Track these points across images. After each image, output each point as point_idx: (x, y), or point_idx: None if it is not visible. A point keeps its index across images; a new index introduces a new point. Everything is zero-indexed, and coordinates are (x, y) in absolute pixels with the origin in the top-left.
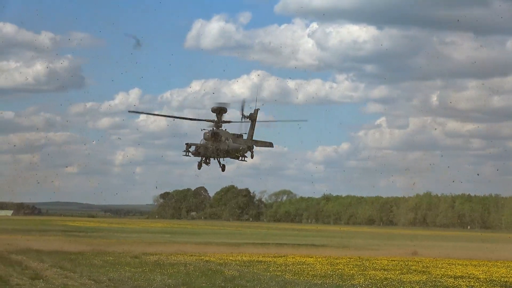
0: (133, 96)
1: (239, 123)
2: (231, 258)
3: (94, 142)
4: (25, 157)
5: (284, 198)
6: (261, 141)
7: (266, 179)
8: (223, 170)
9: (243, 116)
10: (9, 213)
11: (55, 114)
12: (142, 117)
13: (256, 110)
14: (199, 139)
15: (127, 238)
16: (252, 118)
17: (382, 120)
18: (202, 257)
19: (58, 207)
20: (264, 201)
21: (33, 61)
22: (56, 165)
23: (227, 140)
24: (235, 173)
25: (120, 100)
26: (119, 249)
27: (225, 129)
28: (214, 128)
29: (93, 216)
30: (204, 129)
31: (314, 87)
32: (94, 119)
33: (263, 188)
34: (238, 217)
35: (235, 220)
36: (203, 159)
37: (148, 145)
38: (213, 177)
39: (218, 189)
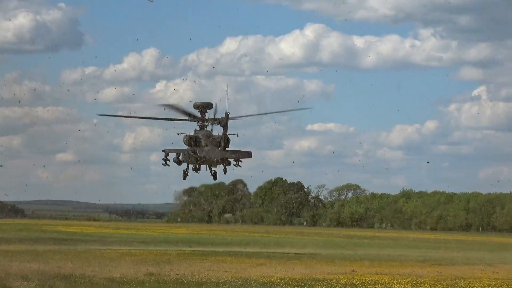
0: (147, 58)
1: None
2: (279, 275)
3: (95, 121)
4: (3, 140)
5: (350, 195)
6: (237, 151)
7: (325, 169)
8: (214, 179)
9: (213, 122)
10: None
11: (43, 83)
12: (160, 86)
13: (227, 115)
14: None
15: (143, 250)
16: (223, 123)
17: (481, 90)
18: (239, 274)
19: (47, 207)
20: (323, 199)
21: (14, 11)
22: (45, 151)
23: (207, 146)
24: (283, 161)
25: (130, 63)
26: (137, 268)
27: (211, 130)
28: (197, 129)
29: (94, 219)
30: (181, 133)
31: (389, 46)
32: (95, 90)
33: (321, 181)
34: (288, 220)
35: (284, 224)
36: (188, 167)
37: (167, 124)
38: (254, 167)
39: (261, 183)
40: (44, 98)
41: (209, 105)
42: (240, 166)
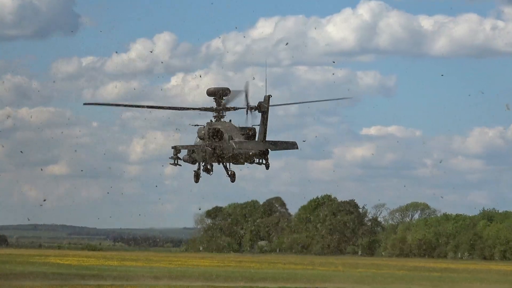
0: (161, 45)
1: (245, 115)
2: None
3: (95, 124)
4: None
5: (416, 216)
6: (279, 142)
7: (385, 184)
8: (232, 180)
9: (249, 107)
10: None
11: (31, 77)
12: (176, 80)
13: (267, 97)
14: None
15: None
16: (263, 109)
17: None
18: None
19: (36, 234)
20: (382, 222)
21: None
22: (32, 163)
23: (232, 139)
24: (332, 174)
25: (138, 51)
26: None
27: (230, 121)
28: (213, 121)
29: (94, 248)
30: (197, 124)
31: (464, 28)
32: (94, 85)
33: (379, 199)
34: (339, 248)
35: (333, 253)
36: (201, 166)
37: (185, 128)
38: (295, 181)
39: (304, 202)
40: (30, 96)
41: (225, 91)
42: (268, 168)
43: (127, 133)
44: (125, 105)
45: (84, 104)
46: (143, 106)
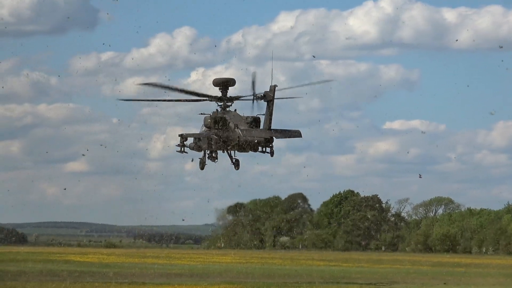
0: (180, 39)
1: (250, 104)
2: None
3: (115, 121)
4: None
5: (440, 211)
6: (283, 130)
7: (409, 179)
8: (236, 167)
9: (255, 96)
10: None
11: (49, 74)
12: (196, 75)
13: (273, 87)
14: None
15: (177, 286)
16: (268, 98)
17: None
18: None
19: (55, 231)
20: (406, 217)
21: None
22: (52, 160)
23: (238, 128)
24: (354, 169)
25: (158, 47)
26: None
27: (235, 110)
28: (219, 110)
29: (114, 246)
30: (203, 113)
31: (488, 20)
32: (114, 81)
33: (403, 194)
34: (362, 244)
35: (356, 249)
36: (206, 154)
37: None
38: (318, 177)
39: (327, 197)
40: (49, 92)
41: (230, 81)
42: (272, 155)
43: (147, 129)
44: (152, 100)
45: (119, 100)
46: (158, 100)
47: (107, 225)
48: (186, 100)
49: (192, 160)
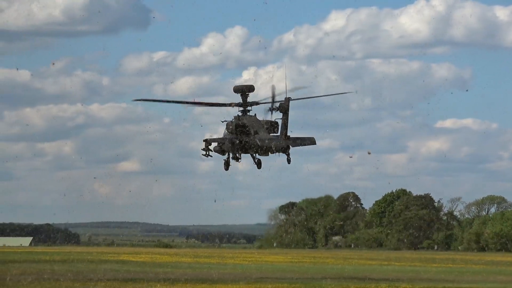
0: (232, 39)
1: (268, 109)
2: None
3: (166, 120)
4: (51, 146)
5: (492, 210)
6: (298, 138)
7: (461, 177)
8: (258, 167)
9: (271, 107)
10: (26, 241)
11: (101, 73)
12: (247, 74)
13: (288, 99)
14: None
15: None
16: (283, 109)
17: None
18: None
19: (107, 232)
20: (458, 216)
21: None
22: (103, 159)
23: (257, 133)
24: (406, 168)
25: (209, 46)
26: None
27: (255, 115)
28: (240, 115)
29: (167, 246)
30: (225, 120)
31: None
32: (165, 80)
33: (455, 193)
34: (414, 243)
35: (408, 248)
36: (230, 156)
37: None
38: (370, 176)
39: (379, 197)
40: (100, 92)
41: (250, 88)
42: (289, 162)
43: (199, 129)
44: (167, 101)
45: (133, 100)
46: (184, 103)
47: (159, 224)
48: (207, 104)
49: (208, 156)
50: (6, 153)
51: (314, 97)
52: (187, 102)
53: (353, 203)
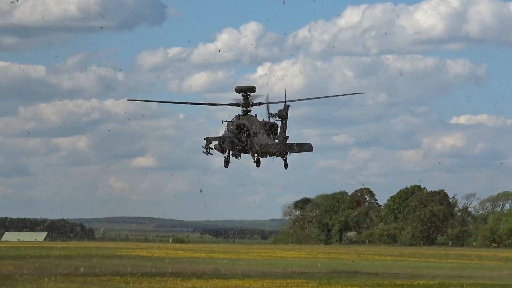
0: (247, 34)
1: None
2: None
3: (181, 116)
4: (66, 141)
5: (507, 206)
6: (296, 144)
7: (476, 173)
8: (257, 165)
9: (270, 114)
10: (41, 236)
11: (115, 69)
12: (262, 70)
13: (287, 107)
14: None
15: (244, 282)
16: (282, 116)
17: None
18: None
19: (121, 227)
20: (473, 212)
21: None
22: (118, 155)
23: (257, 135)
24: (421, 164)
25: (225, 41)
26: None
27: (255, 115)
28: (240, 115)
29: (181, 241)
30: (226, 121)
31: None
32: (180, 76)
33: (470, 189)
34: (429, 239)
35: (423, 244)
36: (229, 154)
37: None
38: (384, 172)
39: (393, 192)
40: (115, 88)
41: (251, 89)
42: (286, 168)
43: (213, 124)
44: (166, 102)
45: (127, 100)
46: (181, 103)
47: (174, 220)
48: (205, 104)
49: (209, 154)
50: (21, 148)
51: (323, 97)
52: (182, 102)
53: (367, 198)
